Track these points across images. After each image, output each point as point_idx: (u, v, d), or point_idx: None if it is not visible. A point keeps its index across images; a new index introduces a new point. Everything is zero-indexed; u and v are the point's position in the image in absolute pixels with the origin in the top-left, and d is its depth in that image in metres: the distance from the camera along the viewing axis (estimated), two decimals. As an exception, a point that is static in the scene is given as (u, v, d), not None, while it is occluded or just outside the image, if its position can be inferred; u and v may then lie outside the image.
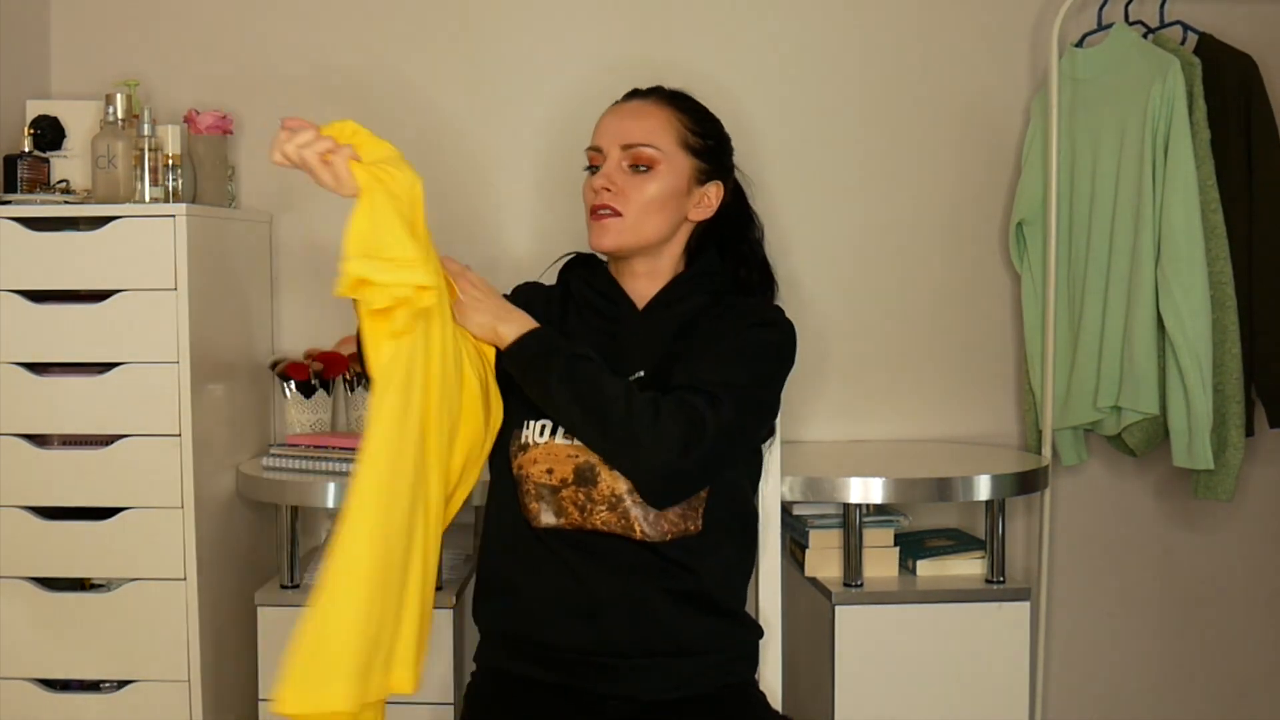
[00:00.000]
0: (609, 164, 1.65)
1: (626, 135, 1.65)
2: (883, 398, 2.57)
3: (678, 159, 1.66)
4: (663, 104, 1.69)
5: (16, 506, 2.11)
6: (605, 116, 1.70)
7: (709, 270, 1.71)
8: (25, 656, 2.12)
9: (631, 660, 1.57)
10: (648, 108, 1.68)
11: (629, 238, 1.65)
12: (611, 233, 1.64)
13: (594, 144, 1.68)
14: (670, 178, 1.65)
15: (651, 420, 1.48)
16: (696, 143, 1.69)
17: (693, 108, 1.72)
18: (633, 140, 1.64)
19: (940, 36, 2.54)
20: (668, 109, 1.68)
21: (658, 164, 1.64)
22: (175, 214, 2.07)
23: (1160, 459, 2.51)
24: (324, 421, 2.41)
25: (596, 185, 1.65)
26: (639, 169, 1.64)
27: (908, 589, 2.17)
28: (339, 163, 1.38)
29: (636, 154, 1.64)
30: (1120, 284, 2.34)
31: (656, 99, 1.70)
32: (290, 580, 2.20)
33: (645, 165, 1.64)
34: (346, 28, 2.52)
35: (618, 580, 1.57)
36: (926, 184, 2.56)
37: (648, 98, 1.70)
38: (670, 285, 1.69)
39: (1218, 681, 2.67)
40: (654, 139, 1.65)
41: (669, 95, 1.71)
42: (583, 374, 1.51)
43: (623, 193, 1.64)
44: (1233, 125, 2.32)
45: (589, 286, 1.72)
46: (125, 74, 2.42)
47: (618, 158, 1.65)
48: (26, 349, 2.09)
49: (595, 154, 1.68)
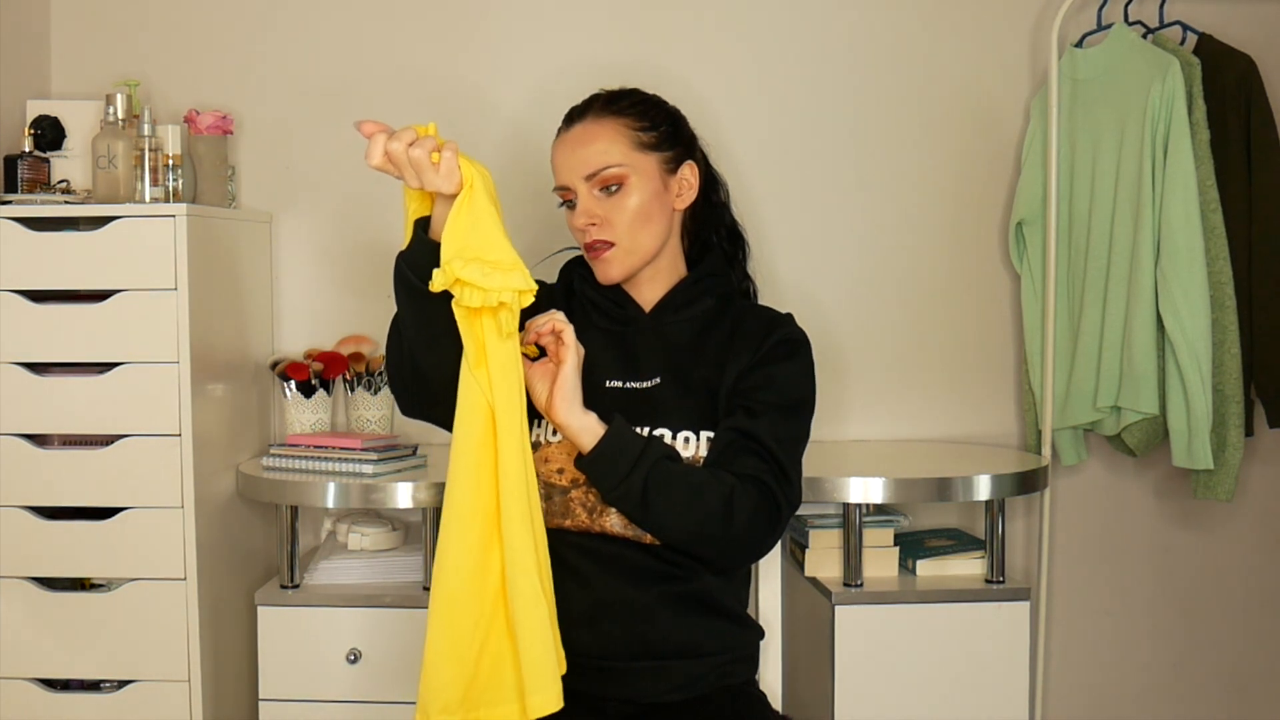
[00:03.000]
0: (581, 198, 1.63)
1: (584, 165, 1.62)
2: (883, 398, 2.57)
3: (642, 163, 1.64)
4: (603, 117, 1.65)
5: (16, 506, 2.11)
6: (556, 151, 1.66)
7: (713, 272, 1.72)
8: (25, 656, 2.12)
9: (632, 663, 1.57)
10: (592, 129, 1.64)
11: (632, 260, 1.65)
12: (614, 264, 1.64)
13: (558, 183, 1.66)
14: (643, 185, 1.64)
15: (742, 521, 1.51)
16: (650, 138, 1.65)
17: (633, 104, 1.67)
18: (592, 168, 1.62)
19: (940, 36, 2.54)
20: (610, 120, 1.64)
21: (626, 179, 1.63)
22: (175, 214, 2.07)
23: (1160, 459, 2.51)
24: (324, 421, 2.42)
25: (579, 224, 1.63)
26: (610, 190, 1.62)
27: (908, 589, 2.17)
28: (450, 158, 1.37)
29: (602, 179, 1.62)
30: (1120, 284, 2.34)
31: (595, 115, 1.65)
32: (290, 580, 2.20)
33: (615, 184, 1.62)
34: (346, 28, 2.52)
35: (621, 584, 1.57)
36: (926, 184, 2.56)
37: (586, 116, 1.66)
38: (676, 289, 1.69)
39: (1217, 681, 2.67)
40: (610, 158, 1.62)
41: (607, 103, 1.67)
42: (672, 479, 1.51)
43: (606, 221, 1.62)
44: (1232, 125, 2.32)
45: (594, 288, 1.72)
46: (125, 74, 2.42)
47: (586, 189, 1.63)
48: (26, 349, 2.09)
49: (564, 191, 1.65)
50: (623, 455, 1.50)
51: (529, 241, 2.52)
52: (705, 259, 1.72)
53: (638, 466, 1.50)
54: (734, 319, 1.69)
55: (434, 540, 2.15)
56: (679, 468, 1.54)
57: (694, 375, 1.63)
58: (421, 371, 1.52)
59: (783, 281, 2.50)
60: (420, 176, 1.37)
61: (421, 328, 1.49)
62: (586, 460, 1.51)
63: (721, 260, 1.74)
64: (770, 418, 1.58)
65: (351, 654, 2.13)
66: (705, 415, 1.61)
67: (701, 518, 1.51)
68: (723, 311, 1.70)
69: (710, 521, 1.51)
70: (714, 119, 2.50)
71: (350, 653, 2.13)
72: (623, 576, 1.57)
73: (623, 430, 1.52)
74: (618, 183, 1.62)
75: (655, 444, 1.53)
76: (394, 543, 2.29)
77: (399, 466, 2.20)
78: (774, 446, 1.56)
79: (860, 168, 2.55)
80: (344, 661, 2.13)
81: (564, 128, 1.68)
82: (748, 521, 1.52)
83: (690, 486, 1.52)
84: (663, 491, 1.50)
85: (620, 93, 1.69)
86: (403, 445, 2.25)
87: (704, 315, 1.69)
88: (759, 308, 1.74)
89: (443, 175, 1.37)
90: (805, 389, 1.65)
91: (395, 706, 2.13)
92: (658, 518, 1.51)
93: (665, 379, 1.63)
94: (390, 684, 2.13)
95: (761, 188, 2.54)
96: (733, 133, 2.52)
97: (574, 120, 1.67)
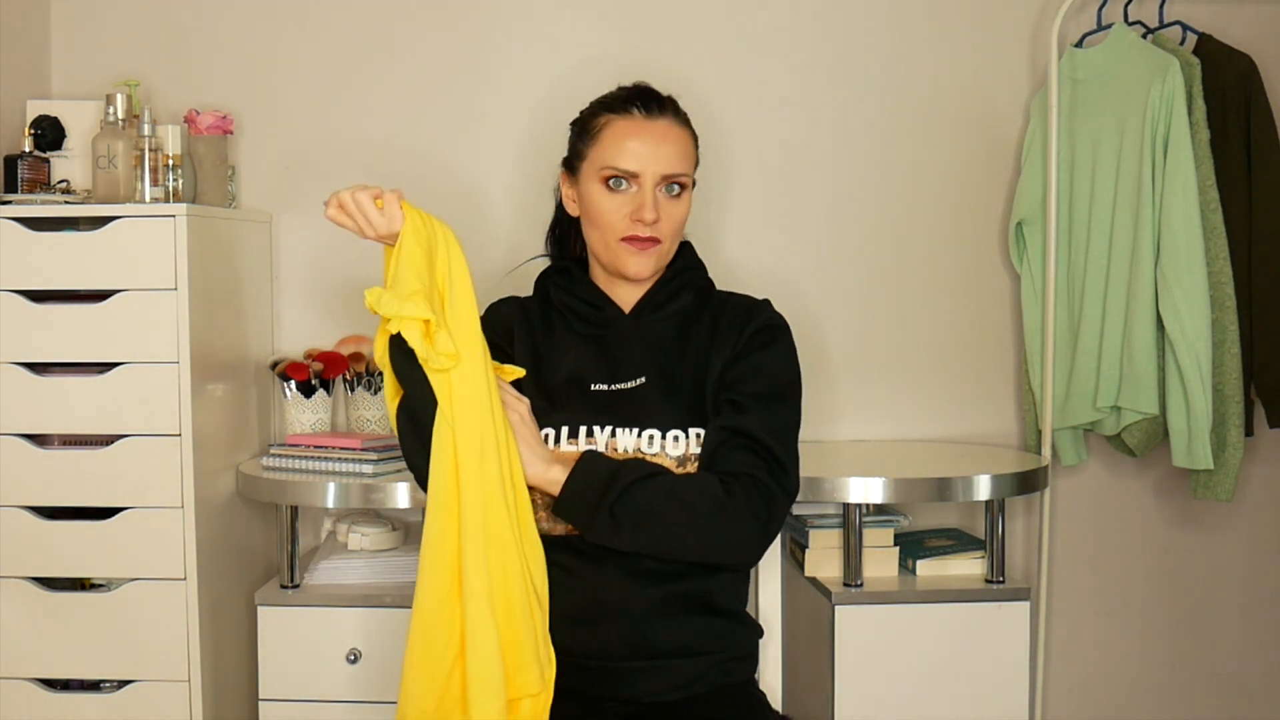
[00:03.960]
0: (647, 192, 1.62)
1: (667, 164, 1.63)
2: (883, 398, 2.57)
3: (692, 178, 1.69)
4: (681, 123, 1.68)
5: (16, 506, 2.11)
6: (632, 135, 1.63)
7: (690, 265, 1.73)
8: (25, 656, 2.12)
9: (632, 663, 1.57)
10: (675, 130, 1.66)
11: (662, 261, 1.67)
12: (654, 261, 1.65)
13: (626, 167, 1.62)
14: (689, 197, 1.68)
15: (733, 518, 1.52)
16: (697, 156, 1.71)
17: (688, 120, 1.71)
18: (674, 170, 1.63)
19: (940, 36, 2.54)
20: (685, 128, 1.68)
21: (688, 187, 1.67)
22: (175, 214, 2.07)
23: (1160, 459, 2.51)
24: (324, 421, 2.42)
25: (647, 218, 1.61)
26: (673, 192, 1.65)
27: (908, 589, 2.17)
28: (391, 200, 1.47)
29: (676, 181, 1.64)
30: (1120, 284, 2.34)
31: (674, 117, 1.67)
32: (290, 580, 2.20)
33: (679, 190, 1.65)
34: (346, 28, 2.52)
35: (618, 586, 1.57)
36: (926, 184, 2.56)
37: (667, 113, 1.66)
38: (655, 287, 1.70)
39: (1218, 681, 2.67)
40: (687, 166, 1.66)
41: (677, 110, 1.69)
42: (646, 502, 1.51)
43: (660, 220, 1.63)
44: (1232, 125, 2.32)
45: (571, 295, 1.71)
46: (125, 74, 2.42)
47: (653, 184, 1.63)
48: (26, 349, 2.09)
49: (629, 175, 1.62)
50: (584, 496, 1.52)
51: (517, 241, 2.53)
52: (679, 253, 1.72)
53: (601, 503, 1.51)
54: (713, 312, 1.70)
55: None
56: (656, 484, 1.52)
57: (679, 373, 1.63)
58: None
59: (783, 281, 2.50)
60: (366, 221, 1.47)
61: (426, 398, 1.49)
62: (557, 508, 1.54)
63: (694, 252, 1.75)
64: (759, 410, 1.58)
65: (351, 654, 2.13)
66: (693, 413, 1.61)
67: (689, 526, 1.51)
68: (703, 305, 1.71)
69: (699, 527, 1.51)
70: (712, 119, 2.51)
71: (350, 653, 2.13)
72: (621, 578, 1.56)
73: (589, 467, 1.53)
74: (682, 189, 1.65)
75: (623, 471, 1.52)
76: (394, 543, 2.29)
77: (399, 466, 2.20)
78: (766, 438, 1.56)
79: (860, 168, 2.55)
80: (344, 661, 2.13)
81: (642, 115, 1.64)
82: (742, 518, 1.52)
83: (669, 500, 1.52)
84: (638, 518, 1.50)
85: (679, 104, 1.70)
86: (403, 445, 2.25)
87: (684, 311, 1.70)
88: (736, 296, 1.74)
89: (386, 217, 1.46)
90: (789, 373, 1.65)
91: (395, 707, 2.12)
92: (646, 543, 1.52)
93: (650, 379, 1.63)
94: (390, 684, 2.12)
95: (761, 187, 2.54)
96: (731, 132, 2.52)
97: (655, 113, 1.65)
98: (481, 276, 1.61)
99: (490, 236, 2.50)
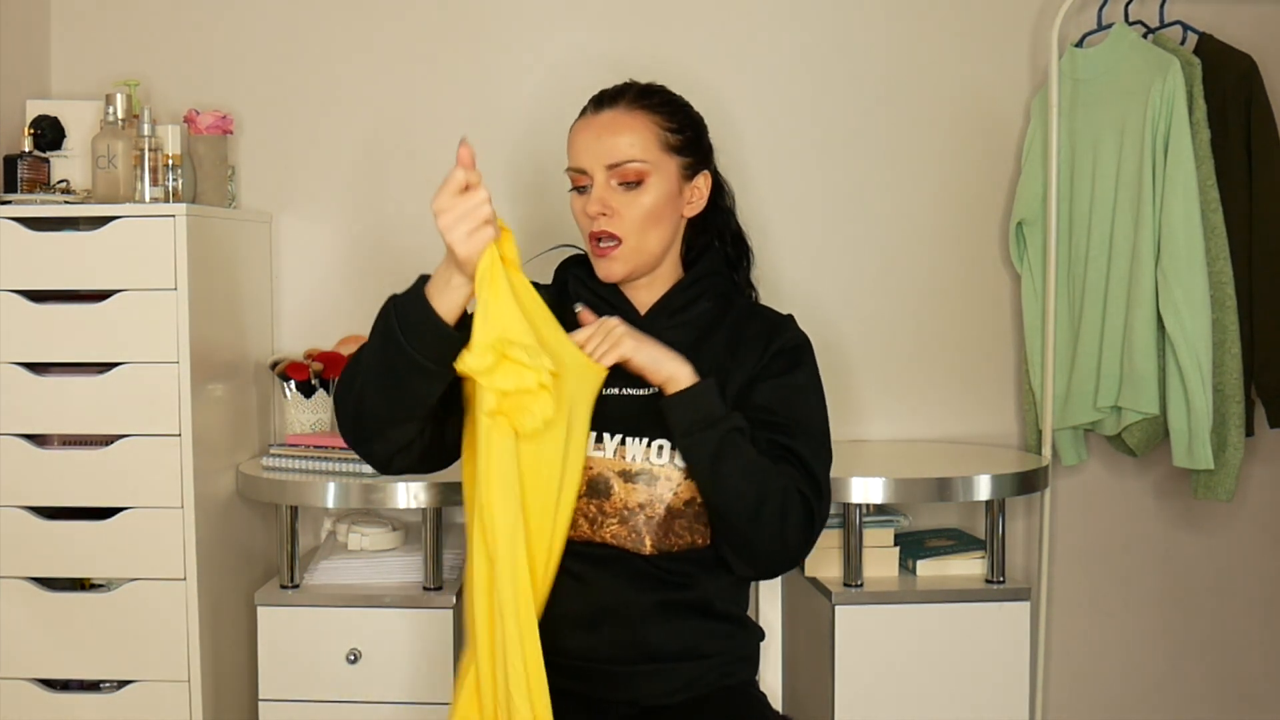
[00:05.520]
0: (597, 187, 1.58)
1: (609, 154, 1.57)
2: (883, 398, 2.57)
3: (664, 164, 1.61)
4: (636, 109, 1.60)
5: (16, 506, 2.11)
6: (579, 133, 1.61)
7: (711, 271, 1.68)
8: (25, 656, 2.12)
9: (633, 666, 1.57)
10: (623, 118, 1.59)
11: (636, 259, 1.61)
12: (619, 261, 1.60)
13: (575, 165, 1.60)
14: (661, 186, 1.60)
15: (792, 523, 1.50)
16: (677, 140, 1.62)
17: (664, 102, 1.64)
18: (617, 159, 1.57)
19: (940, 36, 2.54)
20: (643, 114, 1.60)
21: (646, 176, 1.59)
22: (175, 214, 2.07)
23: (1160, 459, 2.51)
24: (324, 421, 2.42)
25: (591, 211, 1.58)
26: (629, 185, 1.58)
27: (908, 589, 2.17)
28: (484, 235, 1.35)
29: (624, 172, 1.58)
30: (1120, 284, 2.34)
31: (628, 104, 1.60)
32: (290, 580, 2.20)
33: (635, 180, 1.58)
34: (346, 28, 2.52)
35: (621, 589, 1.56)
36: (926, 184, 2.56)
37: (618, 104, 1.60)
38: (672, 292, 1.66)
39: (1218, 681, 2.67)
40: (638, 152, 1.58)
41: (640, 96, 1.62)
42: (753, 455, 1.50)
43: (618, 214, 1.58)
44: (1233, 125, 2.32)
45: (589, 289, 1.68)
46: (125, 74, 2.42)
47: (604, 178, 1.58)
48: (26, 349, 2.09)
49: (579, 175, 1.60)
50: (707, 407, 1.50)
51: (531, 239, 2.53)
52: (703, 259, 1.69)
53: (720, 423, 1.49)
54: (734, 322, 1.66)
55: (434, 540, 2.15)
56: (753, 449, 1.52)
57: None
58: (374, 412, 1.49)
59: (783, 281, 2.50)
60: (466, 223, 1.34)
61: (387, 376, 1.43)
62: (674, 401, 1.50)
63: (720, 260, 1.71)
64: (801, 434, 1.57)
65: (351, 654, 2.13)
66: None
67: (762, 497, 1.49)
68: (722, 314, 1.67)
69: (767, 507, 1.49)
70: (715, 120, 2.50)
71: (350, 653, 2.13)
72: (623, 582, 1.56)
73: (713, 387, 1.52)
74: (638, 179, 1.58)
75: (738, 415, 1.53)
76: (394, 543, 2.29)
77: (399, 466, 2.20)
78: (810, 461, 1.55)
79: (860, 168, 2.55)
80: (344, 661, 2.13)
81: (591, 110, 1.62)
82: (793, 522, 1.51)
83: (761, 467, 1.51)
84: (735, 457, 1.49)
85: (652, 88, 1.65)
86: (403, 445, 2.25)
87: (701, 318, 1.65)
88: (758, 308, 1.71)
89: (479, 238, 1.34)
90: (819, 394, 1.64)
91: (395, 706, 2.13)
92: (724, 479, 1.49)
93: None
94: (390, 684, 2.13)
95: (761, 187, 2.54)
96: (733, 133, 2.52)
97: (603, 105, 1.61)
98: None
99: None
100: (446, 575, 2.21)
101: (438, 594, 2.15)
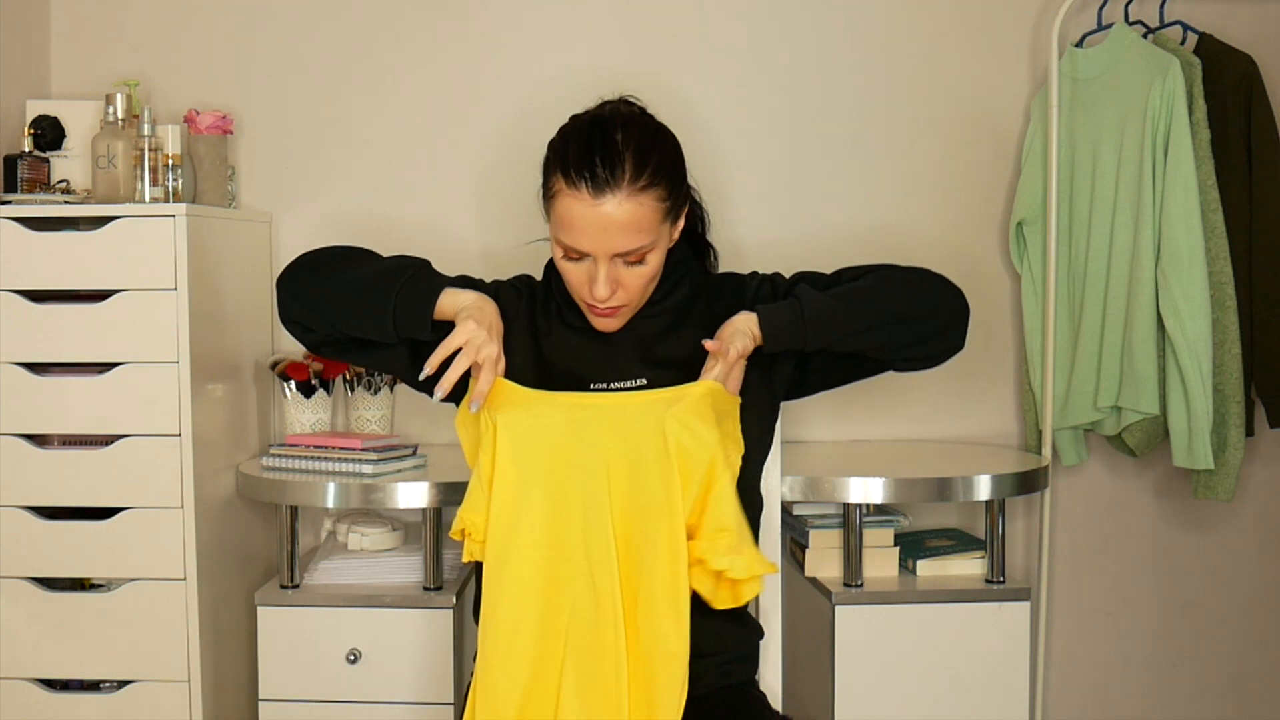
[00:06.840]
0: (602, 267, 1.53)
1: (618, 246, 1.52)
2: (883, 398, 2.57)
3: (663, 232, 1.57)
4: (636, 195, 1.50)
5: (16, 506, 2.11)
6: (578, 216, 1.51)
7: (681, 259, 1.68)
8: (25, 656, 2.12)
9: (632, 663, 1.57)
10: (626, 208, 1.50)
11: (633, 312, 1.62)
12: (619, 319, 1.61)
13: (576, 247, 1.53)
14: (661, 248, 1.58)
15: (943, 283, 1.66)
16: (672, 203, 1.57)
17: (656, 169, 1.53)
18: (626, 249, 1.52)
19: (940, 37, 2.54)
20: (646, 196, 1.51)
21: (651, 250, 1.55)
22: (175, 214, 2.07)
23: (1160, 459, 2.51)
24: (324, 421, 2.42)
25: (600, 295, 1.54)
26: (630, 262, 1.55)
27: (908, 589, 2.17)
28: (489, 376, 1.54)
29: (630, 256, 1.54)
30: (1120, 284, 2.34)
31: (630, 189, 1.50)
32: (290, 580, 2.20)
33: (640, 259, 1.55)
34: (346, 28, 2.52)
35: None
36: (926, 184, 2.56)
37: (618, 188, 1.50)
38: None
39: (1217, 681, 2.67)
40: (646, 239, 1.53)
41: (636, 173, 1.51)
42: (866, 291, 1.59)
43: (622, 285, 1.56)
44: (1233, 125, 2.32)
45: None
46: (125, 74, 2.42)
47: (608, 260, 1.53)
48: (26, 349, 2.09)
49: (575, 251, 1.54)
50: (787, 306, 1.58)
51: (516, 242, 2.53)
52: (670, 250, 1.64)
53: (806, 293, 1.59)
54: (709, 297, 1.67)
55: (434, 540, 2.15)
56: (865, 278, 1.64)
57: (676, 357, 1.61)
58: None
59: (783, 281, 2.50)
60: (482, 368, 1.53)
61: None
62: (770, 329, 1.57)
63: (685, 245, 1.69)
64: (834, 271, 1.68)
65: (351, 654, 2.13)
66: None
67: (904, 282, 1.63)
68: (694, 297, 1.67)
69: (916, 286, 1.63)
70: (710, 120, 2.51)
71: (350, 653, 2.13)
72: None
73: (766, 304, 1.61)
74: (643, 257, 1.56)
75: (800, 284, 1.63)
76: (394, 543, 2.29)
77: (399, 466, 2.20)
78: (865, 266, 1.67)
79: (860, 168, 2.55)
80: (344, 661, 2.13)
81: (590, 191, 1.50)
82: (940, 279, 1.65)
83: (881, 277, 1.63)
84: (850, 291, 1.60)
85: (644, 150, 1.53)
86: (403, 445, 2.25)
87: (679, 305, 1.66)
88: (723, 280, 1.72)
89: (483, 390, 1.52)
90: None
91: (395, 706, 2.13)
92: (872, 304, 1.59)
93: (649, 380, 1.61)
94: (390, 684, 2.13)
95: (761, 187, 2.54)
96: (730, 133, 2.52)
97: (602, 189, 1.50)
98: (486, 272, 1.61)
99: (495, 235, 2.50)
100: (446, 575, 2.21)
101: (438, 594, 2.15)
